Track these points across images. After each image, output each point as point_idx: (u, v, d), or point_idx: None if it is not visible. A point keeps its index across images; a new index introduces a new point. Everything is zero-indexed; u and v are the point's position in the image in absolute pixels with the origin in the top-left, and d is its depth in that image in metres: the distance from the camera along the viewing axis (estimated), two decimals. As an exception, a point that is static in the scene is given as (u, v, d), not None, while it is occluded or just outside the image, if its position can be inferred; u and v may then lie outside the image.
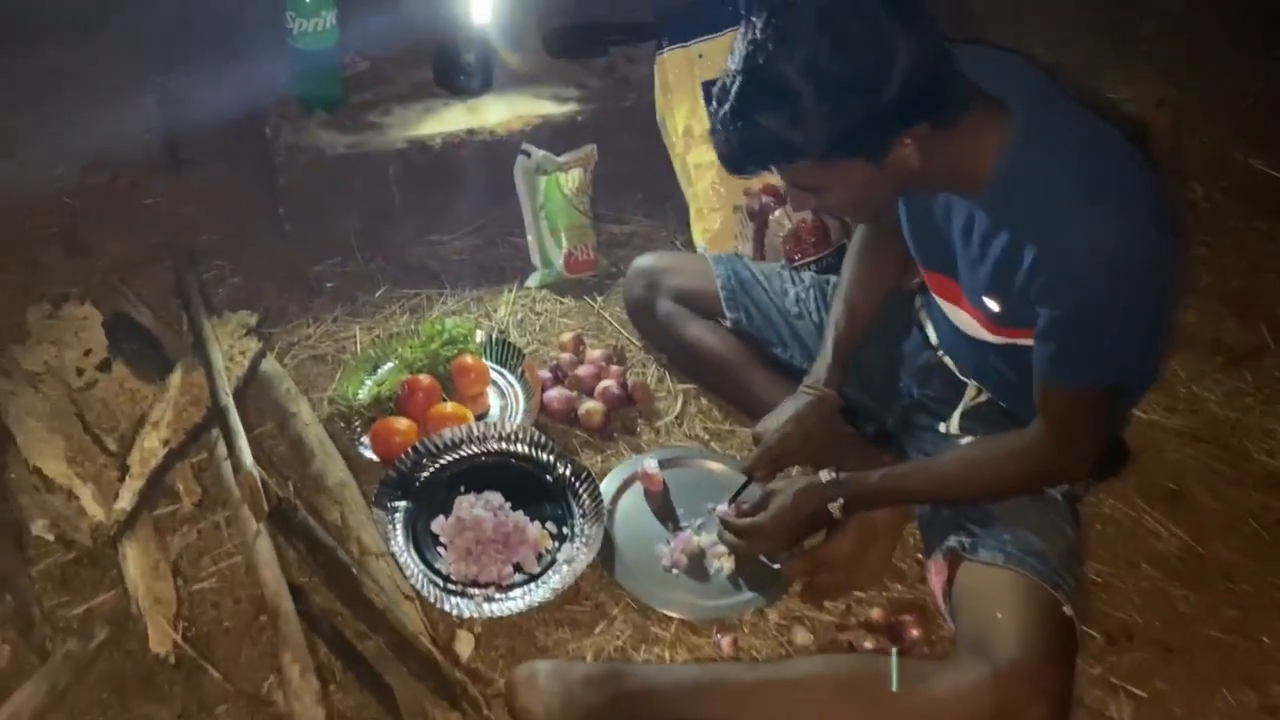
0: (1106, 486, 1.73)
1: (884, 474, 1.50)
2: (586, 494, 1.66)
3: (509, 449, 1.72)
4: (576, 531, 1.62)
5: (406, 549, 1.57)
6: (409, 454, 1.67)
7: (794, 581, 1.58)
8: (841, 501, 1.49)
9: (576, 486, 1.67)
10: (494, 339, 1.94)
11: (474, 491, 1.64)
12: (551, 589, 1.53)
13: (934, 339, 1.63)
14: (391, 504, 1.62)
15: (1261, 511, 1.75)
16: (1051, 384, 1.35)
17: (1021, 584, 1.36)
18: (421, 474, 1.67)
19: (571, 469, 1.69)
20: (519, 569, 1.56)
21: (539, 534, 1.60)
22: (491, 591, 1.53)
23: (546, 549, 1.59)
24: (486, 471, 1.69)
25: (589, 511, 1.64)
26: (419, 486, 1.66)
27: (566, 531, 1.62)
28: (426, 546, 1.59)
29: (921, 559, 1.59)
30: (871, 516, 1.55)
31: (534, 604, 1.51)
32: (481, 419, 1.79)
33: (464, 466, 1.69)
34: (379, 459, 1.70)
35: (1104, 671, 1.50)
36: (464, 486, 1.65)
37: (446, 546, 1.58)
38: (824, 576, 1.57)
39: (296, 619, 1.44)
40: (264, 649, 1.46)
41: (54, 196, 2.22)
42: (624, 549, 1.62)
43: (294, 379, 1.83)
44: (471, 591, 1.52)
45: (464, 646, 1.47)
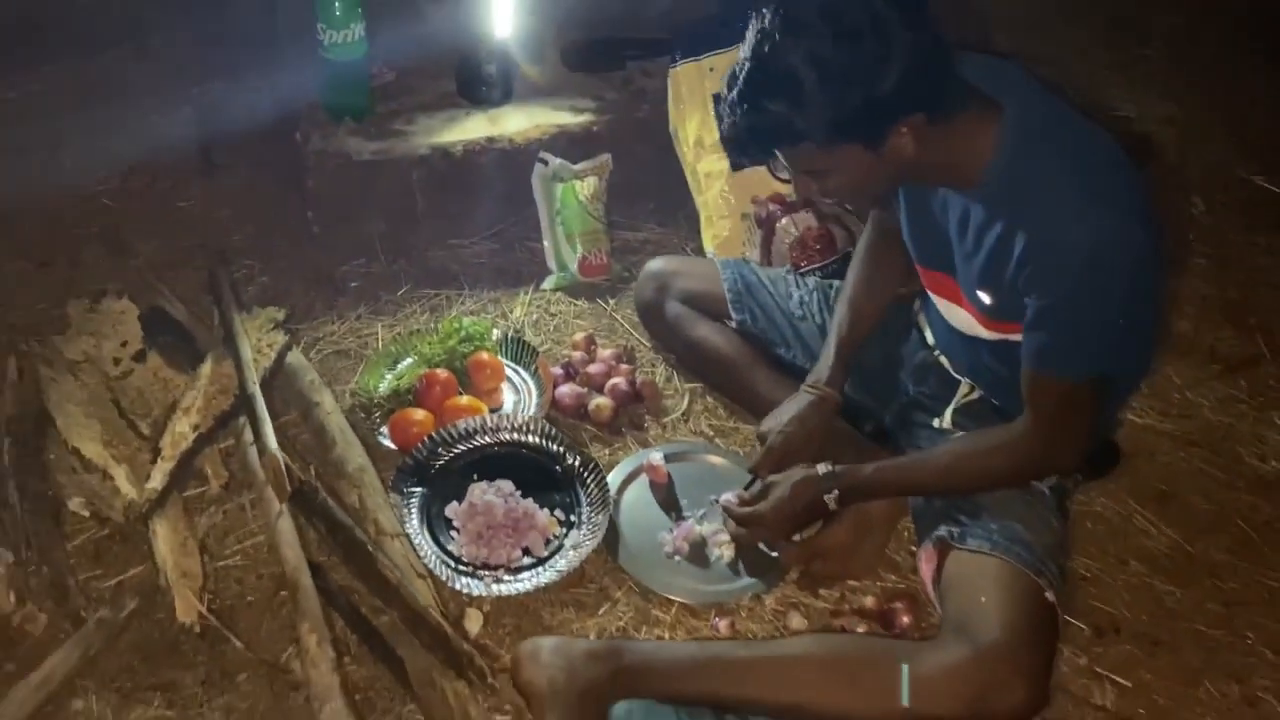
0: (1098, 486, 1.76)
1: (878, 467, 1.54)
2: (594, 484, 1.70)
3: (521, 440, 1.77)
4: (583, 519, 1.67)
5: (421, 531, 1.62)
6: (425, 442, 1.72)
7: (791, 569, 1.62)
8: (837, 493, 1.53)
9: (584, 477, 1.72)
10: (509, 337, 1.98)
11: (486, 479, 1.69)
12: (557, 571, 1.58)
13: (930, 339, 1.68)
14: (408, 489, 1.67)
15: (1251, 513, 1.77)
16: (1038, 374, 1.38)
17: (1006, 570, 1.39)
18: (437, 461, 1.72)
19: (580, 460, 1.74)
20: (527, 553, 1.61)
21: (547, 520, 1.65)
22: (500, 573, 1.58)
23: (554, 534, 1.64)
24: (499, 460, 1.74)
25: (596, 500, 1.69)
26: (434, 473, 1.71)
27: (574, 519, 1.67)
28: (440, 529, 1.63)
29: (914, 550, 1.62)
30: (867, 508, 1.59)
31: (540, 585, 1.56)
32: (495, 413, 1.84)
33: (477, 455, 1.74)
34: (397, 447, 1.75)
35: (1090, 662, 1.53)
36: (477, 474, 1.70)
37: (459, 530, 1.63)
38: (820, 565, 1.61)
39: (315, 594, 1.49)
40: (284, 621, 1.52)
41: (96, 198, 2.31)
42: (628, 536, 1.66)
43: (318, 372, 1.89)
44: (481, 573, 1.57)
45: (473, 623, 1.52)
